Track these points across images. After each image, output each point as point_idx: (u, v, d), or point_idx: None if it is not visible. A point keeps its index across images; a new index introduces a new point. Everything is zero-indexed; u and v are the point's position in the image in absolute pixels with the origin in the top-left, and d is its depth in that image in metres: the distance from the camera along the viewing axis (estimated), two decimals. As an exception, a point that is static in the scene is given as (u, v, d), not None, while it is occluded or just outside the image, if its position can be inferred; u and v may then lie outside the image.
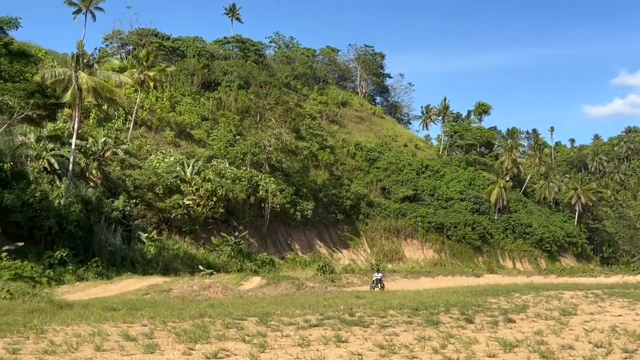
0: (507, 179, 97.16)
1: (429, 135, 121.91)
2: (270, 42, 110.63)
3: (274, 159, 70.76)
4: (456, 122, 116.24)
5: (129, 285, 31.54)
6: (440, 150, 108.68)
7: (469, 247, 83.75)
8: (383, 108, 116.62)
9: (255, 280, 35.13)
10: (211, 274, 39.24)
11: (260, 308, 20.51)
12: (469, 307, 19.96)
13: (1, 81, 33.70)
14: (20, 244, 36.13)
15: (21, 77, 33.21)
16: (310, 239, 72.85)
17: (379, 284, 43.32)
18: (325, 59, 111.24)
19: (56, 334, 13.64)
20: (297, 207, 69.46)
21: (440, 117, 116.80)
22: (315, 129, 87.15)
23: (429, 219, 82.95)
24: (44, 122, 40.39)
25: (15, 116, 35.34)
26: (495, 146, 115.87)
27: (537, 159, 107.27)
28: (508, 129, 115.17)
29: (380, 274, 44.64)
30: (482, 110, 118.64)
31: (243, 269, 49.96)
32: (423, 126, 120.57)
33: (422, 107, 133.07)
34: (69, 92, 43.25)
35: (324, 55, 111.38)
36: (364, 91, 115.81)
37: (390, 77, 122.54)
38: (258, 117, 75.96)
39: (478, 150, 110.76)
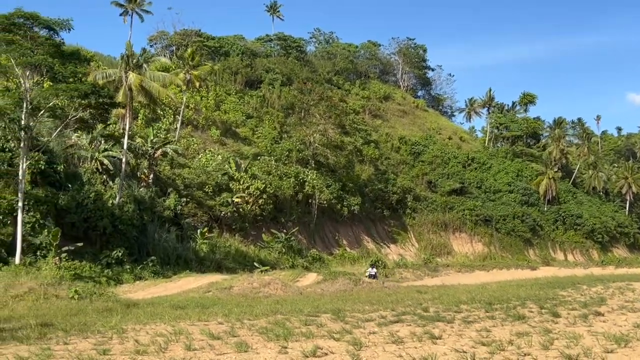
0: (556, 169, 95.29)
1: (473, 127, 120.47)
2: (311, 38, 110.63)
3: (319, 155, 70.54)
4: (501, 113, 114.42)
5: (188, 283, 31.63)
6: (486, 142, 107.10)
7: (519, 239, 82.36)
8: (425, 101, 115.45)
9: (311, 277, 34.95)
10: (266, 270, 39.17)
11: (329, 304, 20.26)
12: (544, 300, 19.38)
13: (55, 83, 34.01)
14: (80, 244, 36.54)
15: (74, 78, 33.46)
16: (358, 235, 72.46)
17: (373, 279, 39.41)
18: (366, 53, 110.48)
19: (137, 333, 13.57)
20: (344, 203, 69.16)
21: (484, 109, 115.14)
22: (359, 123, 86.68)
23: (477, 212, 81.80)
24: (96, 123, 40.66)
25: (69, 118, 35.66)
26: (542, 137, 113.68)
27: (586, 148, 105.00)
28: (554, 119, 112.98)
29: (374, 269, 41.65)
30: (528, 100, 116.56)
31: (295, 266, 49.88)
32: (467, 118, 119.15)
33: (465, 99, 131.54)
34: (120, 93, 43.60)
35: (365, 50, 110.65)
36: (406, 84, 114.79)
37: (432, 70, 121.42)
38: (303, 114, 75.80)
39: (524, 141, 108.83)
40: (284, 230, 58.69)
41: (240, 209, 56.31)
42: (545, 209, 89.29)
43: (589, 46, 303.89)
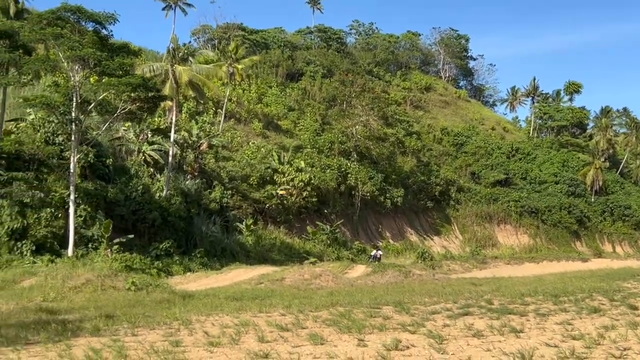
0: (603, 159, 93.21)
1: (517, 117, 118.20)
2: (351, 29, 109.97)
3: (361, 147, 70.12)
4: (545, 102, 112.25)
5: (239, 275, 31.64)
6: (530, 132, 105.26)
7: (566, 231, 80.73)
8: (467, 91, 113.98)
9: (360, 269, 34.66)
10: (315, 262, 39.02)
11: (386, 296, 19.96)
12: (610, 292, 18.78)
13: (103, 76, 34.23)
14: (131, 236, 36.87)
15: (122, 71, 33.61)
16: (401, 227, 71.89)
17: (376, 262, 38.93)
18: (406, 44, 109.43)
19: (203, 324, 13.45)
20: (387, 195, 68.63)
21: (528, 98, 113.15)
22: (400, 115, 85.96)
23: (522, 203, 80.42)
24: (144, 116, 40.93)
25: (119, 111, 35.89)
26: (588, 126, 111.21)
27: (634, 137, 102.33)
28: (601, 108, 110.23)
29: (380, 252, 40.42)
30: (573, 89, 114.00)
31: (340, 258, 49.67)
32: (509, 108, 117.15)
33: (507, 89, 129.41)
34: (167, 86, 43.81)
35: (406, 41, 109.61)
36: (447, 75, 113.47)
37: (474, 59, 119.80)
38: (344, 106, 75.42)
39: (570, 131, 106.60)
40: (328, 223, 58.54)
41: (285, 201, 56.30)
42: (593, 200, 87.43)
43: (637, 32, 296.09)
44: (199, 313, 15.74)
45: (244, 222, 50.67)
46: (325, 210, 61.97)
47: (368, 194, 65.71)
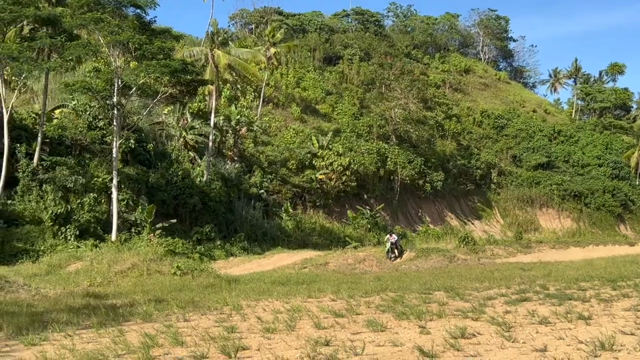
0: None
1: (558, 100, 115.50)
2: (388, 12, 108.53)
3: (400, 130, 69.31)
4: (587, 84, 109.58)
5: (281, 259, 31.45)
6: (572, 114, 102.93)
7: (609, 215, 78.80)
8: (507, 73, 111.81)
9: (404, 253, 34.13)
10: (357, 247, 38.65)
11: (435, 281, 19.49)
12: (671, 277, 18.05)
13: (143, 61, 34.16)
14: (173, 221, 36.96)
15: (163, 55, 33.51)
16: (441, 211, 71.05)
17: (395, 250, 34.04)
18: (445, 26, 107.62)
19: (254, 310, 13.19)
20: (426, 179, 67.83)
21: (570, 80, 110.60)
22: (439, 97, 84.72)
23: (565, 187, 78.72)
24: (185, 100, 40.88)
25: (159, 96, 35.87)
26: (632, 108, 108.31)
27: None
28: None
29: (395, 237, 34.99)
30: (616, 70, 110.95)
31: (381, 242, 49.16)
32: (550, 90, 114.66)
33: (549, 70, 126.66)
34: (207, 71, 43.67)
35: (444, 22, 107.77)
36: (487, 57, 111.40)
37: (514, 41, 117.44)
38: (383, 89, 74.56)
39: (613, 113, 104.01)
40: (368, 207, 58.09)
41: (324, 186, 56.01)
42: (637, 182, 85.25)
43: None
44: (248, 298, 15.50)
45: (283, 207, 50.57)
46: (365, 195, 61.54)
47: (407, 178, 65.05)
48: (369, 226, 53.56)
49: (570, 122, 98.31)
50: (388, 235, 35.57)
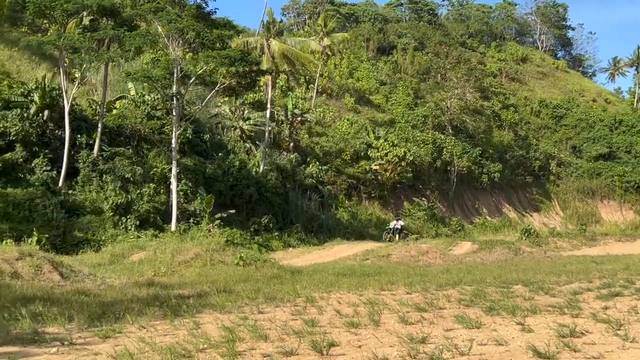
0: None
1: (619, 89, 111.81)
2: (443, 0, 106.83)
3: (456, 120, 67.94)
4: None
5: (341, 250, 30.90)
6: (634, 103, 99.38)
7: (675, 207, 75.97)
8: (566, 62, 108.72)
9: (466, 245, 33.28)
10: (417, 238, 37.85)
11: (508, 274, 18.67)
12: None
13: (202, 50, 33.97)
14: (232, 211, 36.81)
15: (221, 44, 33.24)
16: (498, 203, 69.53)
17: (398, 235, 34.86)
18: (501, 14, 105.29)
19: (328, 302, 12.64)
20: (483, 170, 66.45)
21: (631, 68, 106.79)
22: (496, 87, 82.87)
23: (628, 178, 76.02)
24: (242, 91, 40.62)
25: (218, 86, 35.66)
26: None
27: None
28: None
29: (401, 221, 35.78)
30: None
31: (438, 235, 48.31)
32: (610, 79, 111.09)
33: (608, 59, 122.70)
34: (263, 61, 43.30)
35: (500, 11, 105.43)
36: (544, 45, 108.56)
37: (572, 29, 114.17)
38: (439, 78, 73.24)
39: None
40: (424, 198, 57.16)
41: (379, 177, 55.28)
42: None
43: None
44: (318, 290, 14.98)
45: (338, 198, 50.06)
46: (420, 186, 60.60)
47: (464, 169, 63.79)
48: (426, 217, 52.61)
49: (632, 111, 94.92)
50: (394, 221, 35.92)
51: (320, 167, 50.26)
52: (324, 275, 19.88)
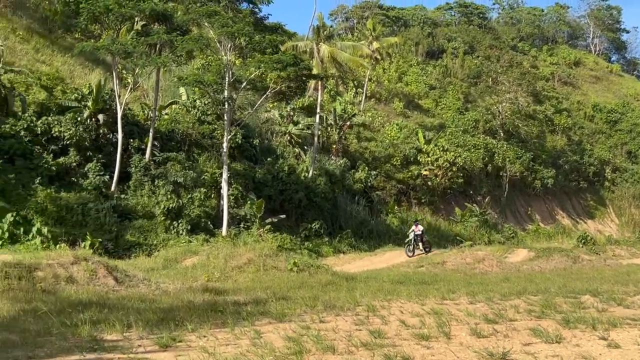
0: None
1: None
2: (494, 4, 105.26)
3: (508, 125, 66.58)
4: None
5: (394, 257, 30.33)
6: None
7: None
8: (620, 65, 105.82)
9: (522, 253, 32.28)
10: (472, 245, 36.98)
11: (572, 283, 17.88)
12: None
13: (253, 54, 33.83)
14: (282, 216, 36.61)
15: (273, 49, 33.07)
16: (551, 209, 67.88)
17: (419, 243, 30.55)
18: (553, 17, 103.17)
19: (390, 311, 12.16)
20: (536, 175, 64.97)
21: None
22: (549, 91, 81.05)
23: (687, 185, 73.48)
24: (293, 96, 40.41)
25: (269, 90, 35.52)
26: None
27: None
28: None
29: (421, 228, 31.15)
30: None
31: (491, 242, 47.14)
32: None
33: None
34: (313, 64, 43.04)
35: (552, 14, 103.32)
36: (597, 49, 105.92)
37: (626, 32, 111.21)
38: (490, 82, 71.96)
39: None
40: (475, 204, 56.09)
41: (429, 182, 54.46)
42: None
43: None
44: (376, 298, 14.50)
45: (388, 203, 49.44)
46: (471, 192, 59.52)
47: (517, 175, 62.43)
48: (478, 224, 51.53)
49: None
50: (413, 227, 32.15)
51: (369, 172, 49.73)
52: (379, 282, 19.44)
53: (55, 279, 15.46)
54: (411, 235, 30.79)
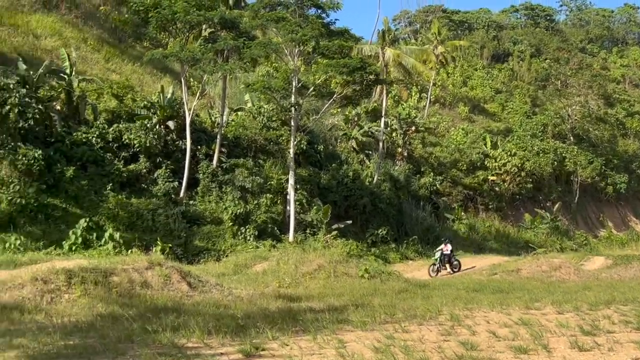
0: None
1: None
2: (561, 6, 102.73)
3: (579, 129, 64.57)
4: None
5: (464, 264, 29.50)
6: None
7: None
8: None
9: (599, 260, 31.06)
10: (545, 252, 35.88)
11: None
12: None
13: (324, 59, 33.66)
14: (349, 222, 36.28)
15: (341, 54, 32.83)
16: (624, 216, 65.52)
17: (446, 265, 28.49)
18: (622, 18, 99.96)
19: (474, 320, 11.64)
20: (608, 181, 62.78)
21: None
22: (620, 94, 78.35)
23: None
24: (360, 101, 40.11)
25: (335, 96, 35.28)
26: None
27: None
28: None
29: (449, 247, 28.71)
30: None
31: (563, 249, 45.64)
32: None
33: None
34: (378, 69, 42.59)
35: (622, 14, 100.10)
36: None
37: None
38: (559, 85, 70.04)
39: None
40: (545, 210, 54.51)
41: (497, 188, 53.22)
42: None
43: None
44: (454, 306, 13.97)
45: (454, 209, 48.54)
46: (541, 197, 57.95)
47: (588, 180, 60.45)
48: (549, 231, 50.01)
49: None
50: (442, 245, 29.53)
51: (434, 178, 48.92)
52: (454, 290, 18.89)
53: (131, 284, 15.48)
54: (437, 254, 28.69)
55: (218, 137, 35.58)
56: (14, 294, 13.93)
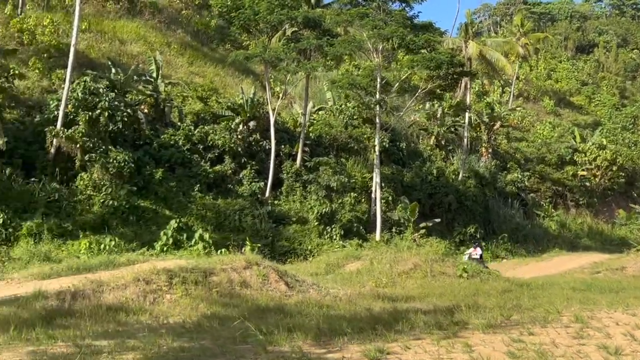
0: None
1: None
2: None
3: (673, 120, 61.51)
4: None
5: (563, 262, 28.35)
6: None
7: None
8: None
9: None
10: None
11: None
12: None
13: (410, 55, 32.95)
14: (437, 220, 35.48)
15: (428, 48, 32.08)
16: None
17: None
18: None
19: (600, 322, 10.79)
20: None
21: None
22: None
23: None
24: (444, 96, 39.19)
25: (420, 91, 34.53)
26: None
27: None
28: None
29: (479, 251, 26.70)
30: None
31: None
32: None
33: None
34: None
35: None
36: None
37: None
38: (651, 75, 67.02)
39: None
40: (638, 206, 51.95)
41: (587, 183, 51.12)
42: None
43: None
44: (570, 306, 13.09)
45: (543, 206, 46.86)
46: (634, 192, 55.26)
47: (687, 174, 57.38)
48: (645, 227, 47.60)
49: None
50: (471, 249, 27.49)
51: (521, 174, 47.37)
52: (559, 289, 17.92)
53: (230, 283, 15.28)
54: (465, 258, 25.92)
55: (301, 136, 35.42)
56: (117, 295, 13.92)
